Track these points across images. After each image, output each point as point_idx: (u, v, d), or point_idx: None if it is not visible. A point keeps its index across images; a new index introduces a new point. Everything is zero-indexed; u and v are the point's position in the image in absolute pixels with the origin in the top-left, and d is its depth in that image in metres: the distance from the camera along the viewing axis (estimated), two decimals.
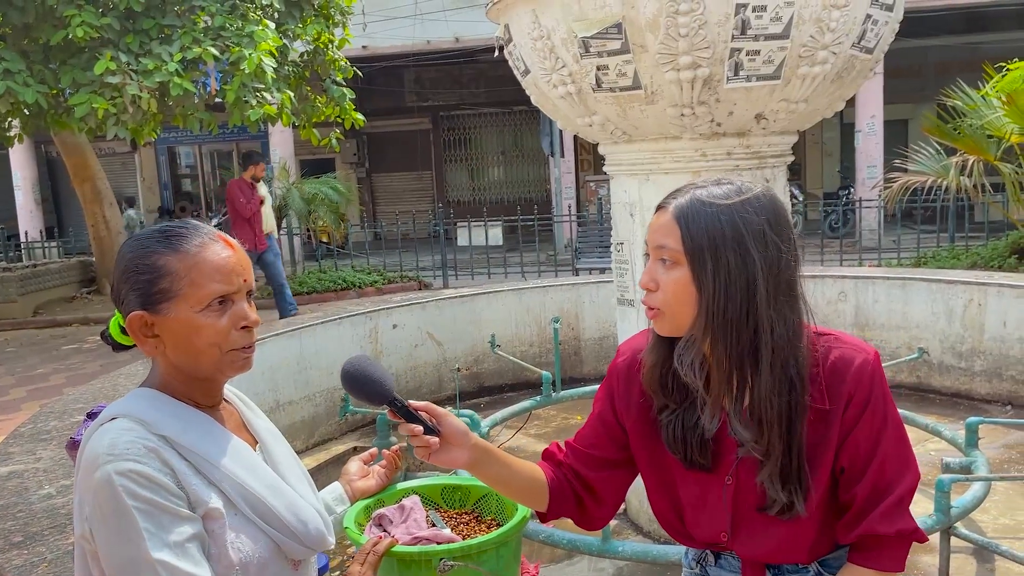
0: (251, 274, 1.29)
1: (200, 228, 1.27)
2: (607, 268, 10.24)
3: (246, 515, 1.21)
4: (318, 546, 1.30)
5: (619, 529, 3.59)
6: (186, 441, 1.20)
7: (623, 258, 3.51)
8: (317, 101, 10.67)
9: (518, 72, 3.45)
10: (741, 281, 1.24)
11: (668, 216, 1.29)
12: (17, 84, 7.85)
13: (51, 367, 8.32)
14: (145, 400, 1.24)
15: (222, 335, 1.22)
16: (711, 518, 1.38)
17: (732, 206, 1.26)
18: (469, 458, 1.37)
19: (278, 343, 4.80)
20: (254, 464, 1.27)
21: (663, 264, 1.29)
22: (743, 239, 1.24)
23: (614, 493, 1.51)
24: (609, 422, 1.48)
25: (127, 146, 18.85)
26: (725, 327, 1.25)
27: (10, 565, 2.00)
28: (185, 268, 1.22)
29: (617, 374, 1.48)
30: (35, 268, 11.96)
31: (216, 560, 1.17)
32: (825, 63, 2.94)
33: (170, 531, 1.12)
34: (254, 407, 1.43)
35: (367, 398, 1.34)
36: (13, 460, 2.82)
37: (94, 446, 1.16)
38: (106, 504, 1.11)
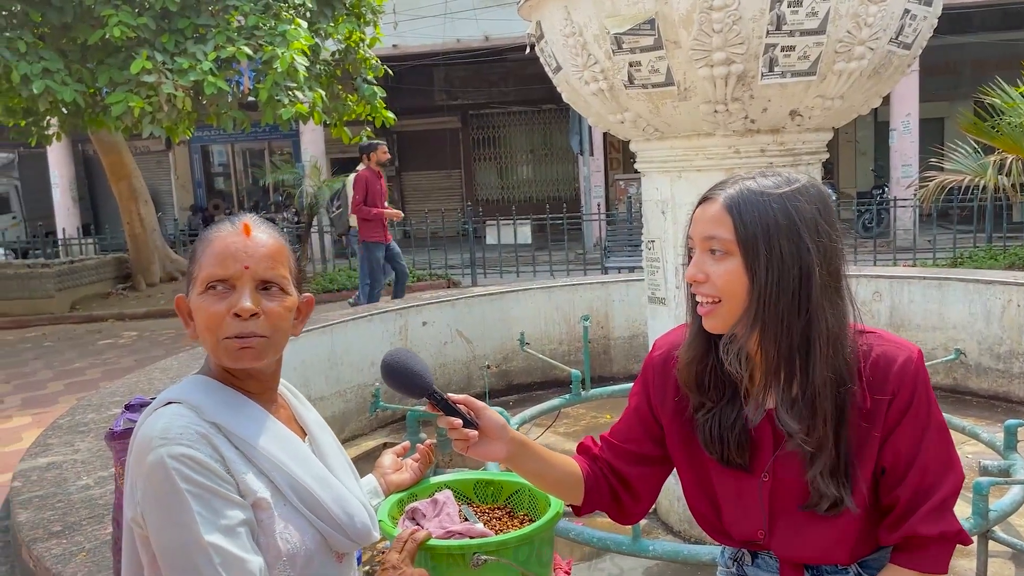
0: (266, 263, 1.22)
1: (236, 216, 1.27)
2: (636, 267, 10.20)
3: (294, 506, 1.22)
4: (363, 540, 1.31)
5: (649, 528, 3.58)
6: (237, 429, 1.20)
7: (654, 256, 3.49)
8: (348, 100, 10.75)
9: (549, 69, 3.44)
10: (795, 270, 1.23)
11: (717, 206, 1.27)
12: (56, 83, 8.00)
13: (87, 361, 8.47)
14: (199, 387, 1.25)
15: (215, 320, 1.19)
16: (748, 516, 1.37)
17: (784, 195, 1.25)
18: (507, 451, 1.37)
19: (310, 339, 4.84)
20: (304, 455, 1.27)
21: (712, 255, 1.28)
22: (797, 228, 1.23)
23: (650, 488, 1.51)
24: (645, 416, 1.47)
25: (162, 145, 19.15)
26: (777, 317, 1.24)
27: (49, 554, 2.04)
28: (200, 252, 1.24)
29: (653, 368, 1.47)
30: (72, 264, 12.17)
31: (264, 550, 1.17)
32: (862, 59, 2.90)
33: (222, 515, 1.12)
34: (304, 400, 1.44)
35: (407, 391, 1.34)
36: (52, 451, 2.88)
37: (147, 430, 1.17)
38: (158, 487, 1.12)
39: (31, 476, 2.64)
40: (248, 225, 1.24)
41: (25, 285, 11.30)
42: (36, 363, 8.56)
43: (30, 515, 2.31)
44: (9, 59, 7.83)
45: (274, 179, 14.09)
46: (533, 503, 1.52)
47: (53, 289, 11.28)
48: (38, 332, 10.46)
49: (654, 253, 3.49)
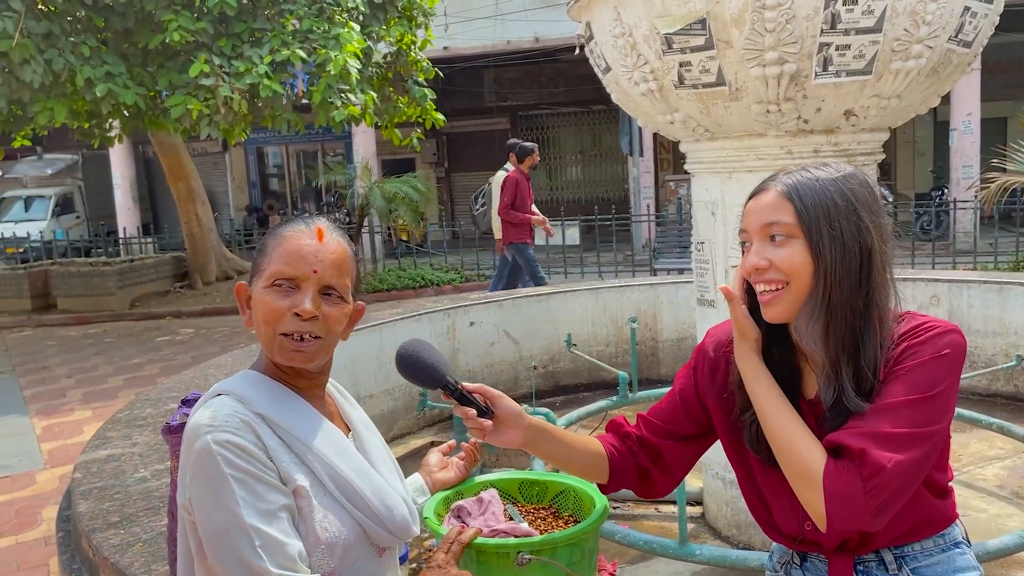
0: (333, 270, 1.27)
1: (311, 219, 1.31)
2: (686, 269, 10.10)
3: (334, 495, 1.25)
4: (403, 534, 1.33)
5: (696, 532, 3.54)
6: (281, 420, 1.25)
7: (703, 258, 3.46)
8: (399, 101, 10.86)
9: (599, 70, 3.44)
10: (855, 249, 1.25)
11: (774, 194, 1.29)
12: (118, 86, 8.24)
13: (146, 357, 8.70)
14: (247, 381, 1.30)
15: (275, 314, 1.24)
16: (793, 509, 1.36)
17: (837, 179, 1.28)
18: (523, 438, 1.40)
19: (359, 338, 4.90)
20: (345, 448, 1.30)
21: (772, 242, 1.28)
22: (855, 208, 1.26)
23: (684, 461, 1.52)
24: (690, 399, 1.48)
25: (218, 146, 19.58)
26: (843, 298, 1.25)
27: (107, 544, 2.11)
28: (272, 246, 1.28)
29: (703, 355, 1.49)
30: (132, 263, 12.51)
31: (303, 537, 1.20)
32: (920, 57, 2.83)
33: (263, 499, 1.16)
34: (351, 399, 1.47)
35: (421, 382, 1.36)
36: (111, 444, 2.97)
37: (197, 419, 1.22)
38: (204, 472, 1.17)
39: (91, 468, 2.72)
40: (322, 230, 1.29)
41: (88, 283, 11.66)
42: (97, 358, 8.82)
43: (90, 506, 2.39)
44: (74, 63, 8.09)
45: (326, 180, 14.32)
46: (579, 504, 1.52)
47: (114, 287, 11.61)
48: (99, 328, 10.78)
49: (703, 255, 3.46)
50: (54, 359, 8.93)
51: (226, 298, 11.42)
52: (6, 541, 4.26)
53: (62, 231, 17.17)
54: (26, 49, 7.65)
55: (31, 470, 5.36)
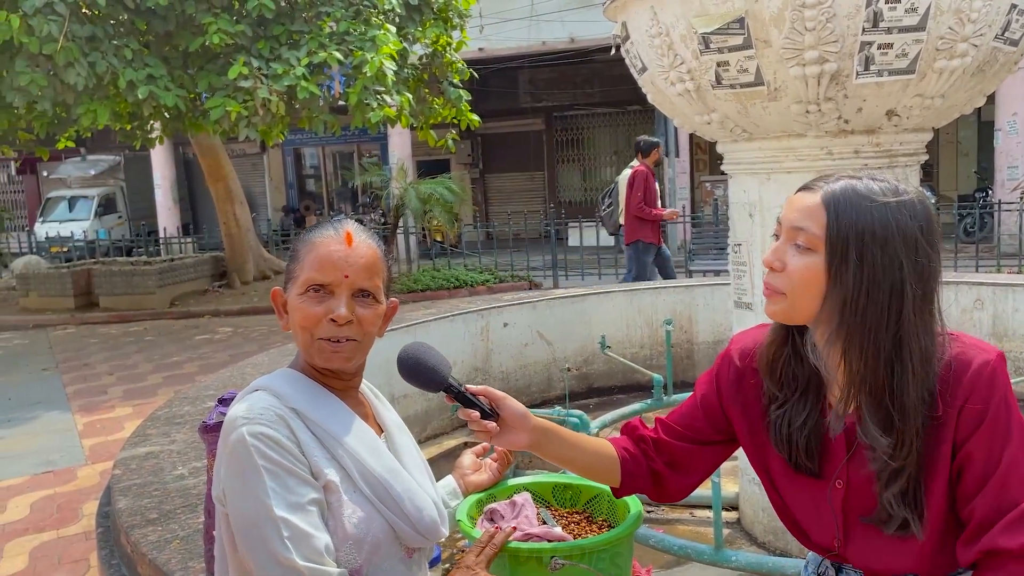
0: (364, 273, 1.29)
1: (341, 223, 1.34)
2: (722, 271, 10.00)
3: (364, 493, 1.26)
4: (431, 535, 1.33)
5: (731, 538, 3.50)
6: (314, 416, 1.27)
7: (741, 260, 3.41)
8: (434, 103, 10.90)
9: (635, 70, 3.41)
10: (886, 284, 1.18)
11: (815, 199, 1.23)
12: (159, 89, 8.39)
13: (185, 356, 8.84)
14: (285, 378, 1.32)
15: (311, 320, 1.27)
16: (822, 523, 1.33)
17: (887, 204, 1.19)
18: (530, 440, 1.39)
19: (394, 338, 4.88)
20: (376, 447, 1.31)
21: (795, 247, 1.24)
22: (893, 241, 1.18)
23: (704, 466, 1.49)
24: (712, 407, 1.45)
25: (256, 148, 19.83)
26: (864, 328, 1.19)
27: (146, 540, 2.14)
28: (304, 253, 1.31)
29: (728, 363, 1.44)
30: (172, 262, 12.72)
31: (332, 531, 1.22)
32: (965, 56, 2.77)
33: (294, 492, 1.18)
34: (384, 401, 1.48)
35: (423, 384, 1.35)
36: (150, 442, 3.01)
37: (233, 411, 1.25)
38: (238, 462, 1.19)
39: (130, 465, 2.76)
40: (351, 235, 1.31)
41: (129, 282, 11.87)
42: (138, 356, 8.98)
43: (129, 502, 2.42)
44: (116, 66, 8.24)
45: (362, 181, 14.41)
46: (612, 509, 1.51)
47: (154, 286, 11.81)
48: (140, 326, 10.97)
49: (740, 257, 3.42)
50: (96, 356, 9.11)
51: (263, 297, 11.55)
52: (48, 535, 4.35)
53: (104, 231, 17.53)
54: (70, 52, 7.81)
55: (73, 466, 5.47)
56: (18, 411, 6.90)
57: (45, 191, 21.27)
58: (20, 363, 8.95)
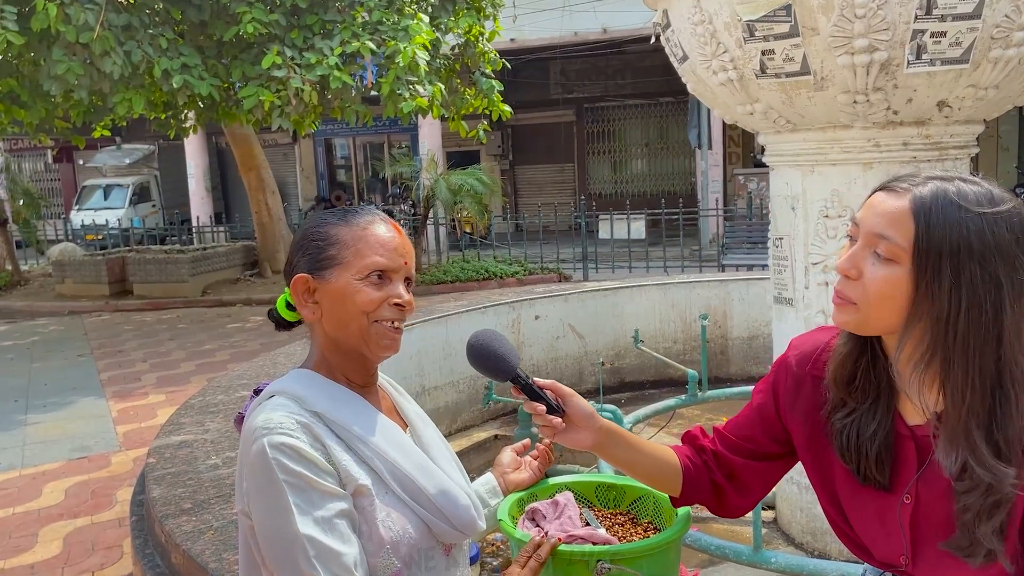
0: (412, 261, 1.30)
1: (373, 210, 1.32)
2: (755, 265, 9.87)
3: (396, 493, 1.22)
4: (469, 530, 1.29)
5: (768, 538, 3.43)
6: (338, 417, 1.22)
7: (782, 254, 3.33)
8: (466, 93, 10.85)
9: (675, 59, 3.34)
10: (988, 303, 1.08)
11: (902, 204, 1.11)
12: (193, 78, 8.43)
13: (217, 344, 8.91)
14: (300, 379, 1.27)
15: (373, 304, 1.24)
16: (888, 539, 1.25)
17: (985, 215, 1.08)
18: (594, 440, 1.33)
19: (425, 329, 4.90)
20: (404, 444, 1.27)
21: (874, 256, 1.13)
22: (991, 255, 1.07)
23: (763, 482, 1.41)
24: (769, 416, 1.37)
25: (288, 138, 19.94)
26: (966, 352, 1.09)
27: (180, 531, 2.13)
28: (353, 238, 1.26)
29: (786, 369, 1.36)
30: (204, 251, 12.83)
31: (367, 538, 1.17)
32: (1021, 45, 2.67)
33: (319, 506, 1.13)
34: (404, 393, 1.44)
35: (491, 373, 1.32)
36: (184, 430, 3.01)
37: (251, 422, 1.20)
38: (260, 477, 1.15)
39: (164, 454, 2.76)
40: (397, 226, 1.32)
41: (162, 270, 12.00)
42: (171, 343, 9.07)
43: (163, 491, 2.42)
44: (152, 55, 8.29)
45: (393, 172, 14.42)
46: (658, 510, 1.46)
47: (187, 274, 11.92)
48: (173, 314, 11.09)
49: (782, 251, 3.34)
50: (130, 343, 9.21)
51: None
52: (82, 521, 4.39)
53: (139, 219, 17.74)
54: (106, 41, 7.87)
55: (107, 452, 5.53)
56: (53, 397, 7.00)
57: (81, 179, 21.59)
58: (56, 349, 9.08)
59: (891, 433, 1.22)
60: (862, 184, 3.02)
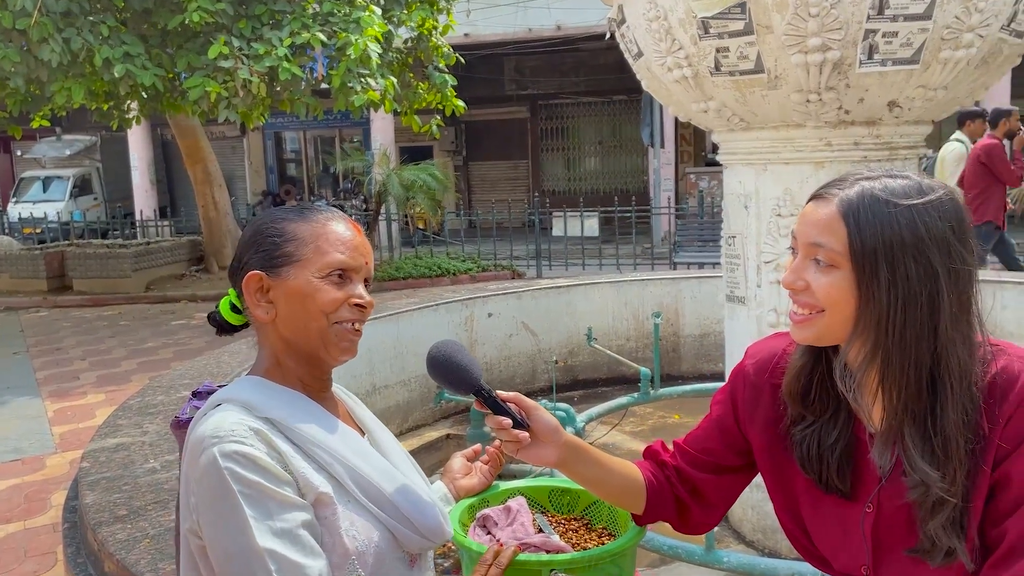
0: (372, 261, 1.26)
1: (330, 208, 1.28)
2: (706, 263, 9.95)
3: (359, 501, 1.15)
4: (436, 537, 1.23)
5: (719, 537, 3.43)
6: (292, 423, 1.15)
7: (735, 253, 3.33)
8: (419, 88, 10.74)
9: (630, 55, 3.31)
10: (923, 296, 1.07)
11: (830, 210, 1.11)
12: (136, 67, 8.18)
13: (160, 341, 8.67)
14: (250, 386, 1.20)
15: (333, 304, 1.19)
16: (849, 548, 1.23)
17: (913, 207, 1.08)
18: (559, 456, 1.27)
19: (376, 327, 4.81)
20: (364, 449, 1.21)
21: (815, 264, 1.12)
22: (925, 246, 1.07)
23: (724, 499, 1.39)
24: (729, 428, 1.34)
25: (236, 130, 19.56)
26: (903, 348, 1.08)
27: (114, 539, 2.02)
28: (312, 235, 1.21)
29: (744, 378, 1.33)
30: (148, 246, 12.50)
31: (330, 550, 1.10)
32: (970, 47, 2.70)
33: (277, 518, 1.06)
34: (356, 399, 1.38)
35: (452, 386, 1.26)
36: (121, 432, 2.89)
37: (199, 431, 1.12)
38: (211, 489, 1.07)
39: (99, 457, 2.64)
40: (356, 224, 1.27)
41: (104, 265, 11.65)
42: (111, 341, 8.80)
43: (97, 497, 2.31)
44: (92, 43, 8.02)
45: (344, 166, 14.23)
46: (613, 516, 1.42)
47: (130, 269, 11.60)
48: (114, 311, 10.77)
49: (734, 249, 3.34)
50: (68, 340, 8.91)
51: None
52: (15, 526, 4.21)
53: (80, 212, 17.21)
54: (44, 28, 7.59)
55: (42, 454, 5.32)
56: None
57: (19, 171, 20.85)
58: None
59: (852, 442, 1.20)
60: (814, 183, 3.03)
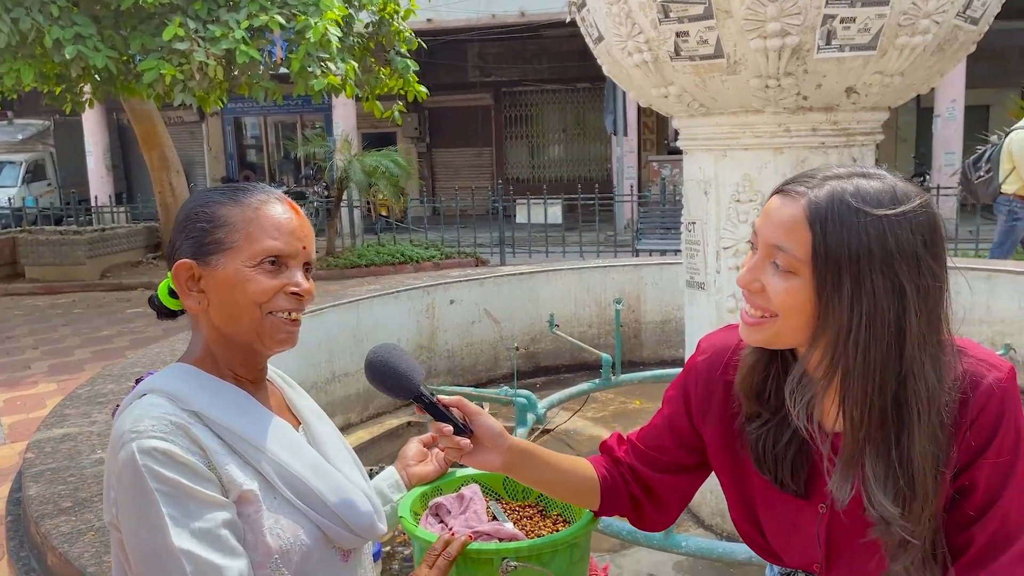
0: (312, 245, 1.20)
1: (267, 188, 1.21)
2: (668, 250, 10.00)
3: (286, 498, 1.12)
4: (367, 534, 1.20)
5: (679, 520, 3.43)
6: (219, 417, 1.11)
7: (694, 238, 3.33)
8: (381, 73, 10.62)
9: (590, 39, 3.28)
10: (890, 314, 1.01)
11: (796, 211, 1.04)
12: (87, 49, 7.96)
13: (116, 329, 8.48)
14: (179, 375, 1.15)
15: (267, 294, 1.13)
16: (802, 546, 1.22)
17: (885, 218, 1.00)
18: (504, 461, 1.24)
19: (336, 315, 4.75)
20: (295, 444, 1.17)
21: (774, 267, 1.06)
22: (894, 260, 1.00)
23: (679, 498, 1.36)
24: (681, 427, 1.31)
25: (195, 115, 19.17)
26: (865, 370, 1.02)
27: (57, 532, 1.96)
28: (244, 220, 1.15)
29: (696, 374, 1.29)
30: (103, 232, 12.22)
31: (252, 548, 1.07)
32: (926, 33, 2.71)
33: (196, 517, 1.02)
34: (298, 387, 1.33)
35: (392, 392, 1.22)
36: (68, 423, 2.81)
37: (120, 424, 1.08)
38: (129, 486, 1.03)
39: (45, 448, 2.56)
40: (295, 206, 1.20)
41: (57, 252, 11.37)
42: (65, 329, 8.59)
43: (41, 489, 2.24)
44: (42, 23, 7.79)
45: (305, 152, 14.03)
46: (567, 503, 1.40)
47: (84, 256, 11.34)
48: (68, 299, 10.52)
49: (694, 235, 3.34)
50: (20, 329, 8.69)
51: None
52: None
53: (32, 198, 16.78)
54: None
55: None
56: None
57: None
58: None
59: (807, 441, 1.17)
60: (773, 169, 3.04)
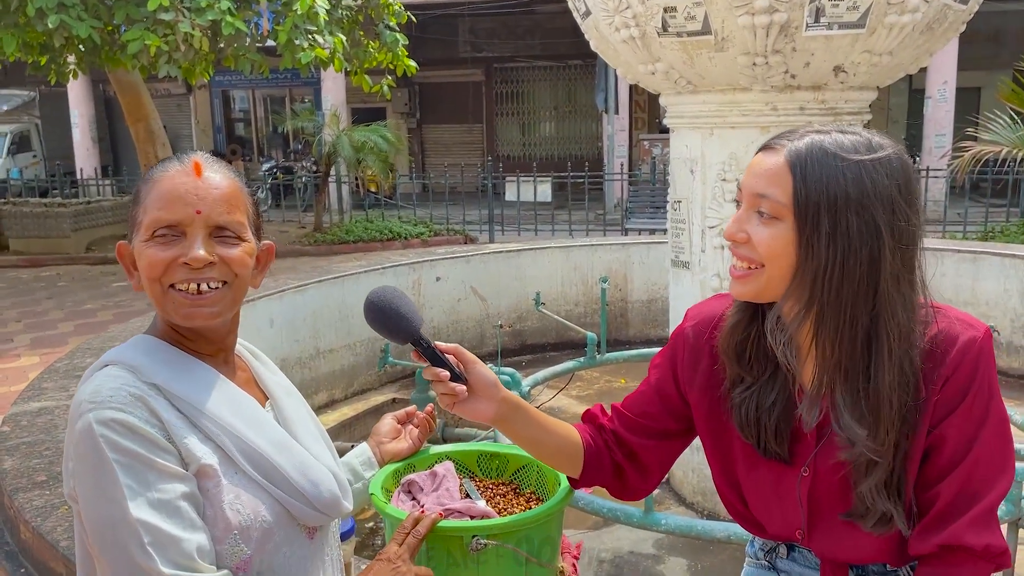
0: (221, 207, 1.10)
1: (185, 155, 1.14)
2: (657, 229, 9.98)
3: (247, 473, 1.10)
4: (332, 511, 1.18)
5: (660, 499, 3.47)
6: (179, 390, 1.08)
7: (680, 217, 3.32)
8: (370, 46, 10.49)
9: (578, 14, 3.25)
10: (864, 253, 1.06)
11: (778, 160, 1.09)
12: (71, 18, 7.82)
13: (100, 303, 8.42)
14: (140, 346, 1.13)
15: (157, 268, 1.08)
16: (784, 513, 1.23)
17: (861, 163, 1.06)
18: (496, 412, 1.24)
19: (321, 290, 4.73)
20: (259, 419, 1.15)
21: (759, 216, 1.11)
22: (869, 203, 1.05)
23: (660, 464, 1.36)
24: (668, 392, 1.32)
25: (182, 88, 18.95)
26: (839, 306, 1.07)
27: (30, 505, 1.95)
28: (146, 194, 1.12)
29: (683, 341, 1.31)
30: (89, 205, 12.09)
31: (211, 523, 1.05)
32: (916, 12, 2.70)
33: (154, 488, 1.01)
34: (268, 362, 1.31)
35: (390, 334, 1.20)
36: (45, 396, 2.78)
37: (79, 395, 1.06)
38: (86, 456, 1.01)
39: (21, 421, 2.54)
40: (199, 164, 1.11)
41: (41, 224, 11.26)
42: (48, 303, 8.53)
43: (16, 462, 2.22)
44: None
45: (293, 126, 13.91)
46: (542, 480, 1.39)
47: (69, 229, 11.23)
48: (52, 271, 10.43)
49: (680, 214, 3.32)
50: (3, 302, 8.61)
51: None
52: None
53: (17, 170, 16.59)
54: None
55: None
56: None
57: None
58: None
59: (789, 405, 1.18)
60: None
